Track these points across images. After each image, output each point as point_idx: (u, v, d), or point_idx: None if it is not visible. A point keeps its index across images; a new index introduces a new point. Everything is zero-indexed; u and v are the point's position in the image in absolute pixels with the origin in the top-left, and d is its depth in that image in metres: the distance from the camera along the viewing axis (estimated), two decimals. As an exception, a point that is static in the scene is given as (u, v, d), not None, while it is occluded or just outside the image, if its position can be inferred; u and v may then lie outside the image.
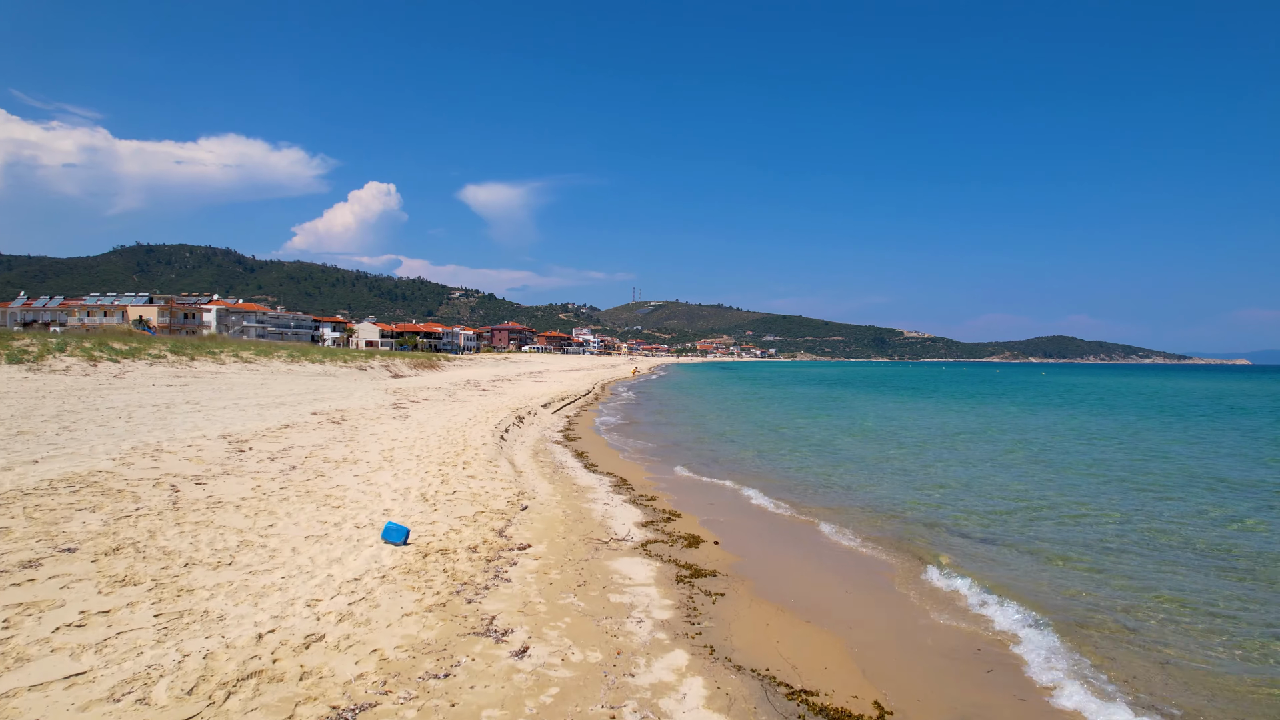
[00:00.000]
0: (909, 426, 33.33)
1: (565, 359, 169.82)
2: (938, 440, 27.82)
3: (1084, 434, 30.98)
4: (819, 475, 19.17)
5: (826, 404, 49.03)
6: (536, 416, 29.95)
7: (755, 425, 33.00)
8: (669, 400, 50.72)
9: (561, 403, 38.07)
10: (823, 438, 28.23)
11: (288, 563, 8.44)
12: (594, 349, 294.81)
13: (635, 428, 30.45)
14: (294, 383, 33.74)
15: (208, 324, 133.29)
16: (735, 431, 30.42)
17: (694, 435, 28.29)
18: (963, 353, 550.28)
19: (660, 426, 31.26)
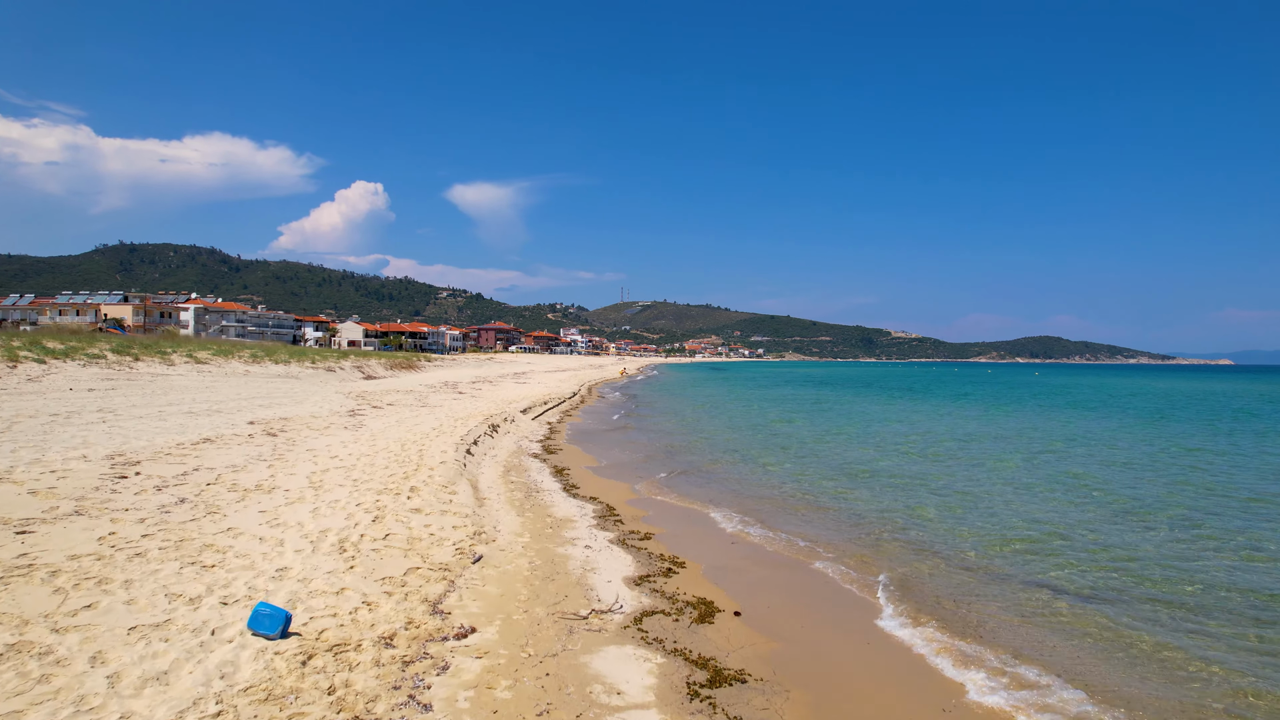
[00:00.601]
0: (920, 431, 30.37)
1: (552, 359, 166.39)
2: (965, 451, 24.81)
3: (1127, 445, 28.04)
4: (849, 501, 16.01)
5: (828, 408, 46.08)
6: (514, 424, 26.71)
7: (756, 432, 29.88)
8: (660, 403, 47.61)
9: (544, 407, 34.86)
10: (837, 454, 25.19)
11: (63, 693, 5.20)
12: (582, 349, 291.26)
13: (624, 435, 27.27)
14: (246, 386, 30.39)
15: (185, 323, 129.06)
16: (735, 440, 27.38)
17: (688, 444, 25.19)
18: (950, 353, 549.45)
19: (651, 434, 28.09)
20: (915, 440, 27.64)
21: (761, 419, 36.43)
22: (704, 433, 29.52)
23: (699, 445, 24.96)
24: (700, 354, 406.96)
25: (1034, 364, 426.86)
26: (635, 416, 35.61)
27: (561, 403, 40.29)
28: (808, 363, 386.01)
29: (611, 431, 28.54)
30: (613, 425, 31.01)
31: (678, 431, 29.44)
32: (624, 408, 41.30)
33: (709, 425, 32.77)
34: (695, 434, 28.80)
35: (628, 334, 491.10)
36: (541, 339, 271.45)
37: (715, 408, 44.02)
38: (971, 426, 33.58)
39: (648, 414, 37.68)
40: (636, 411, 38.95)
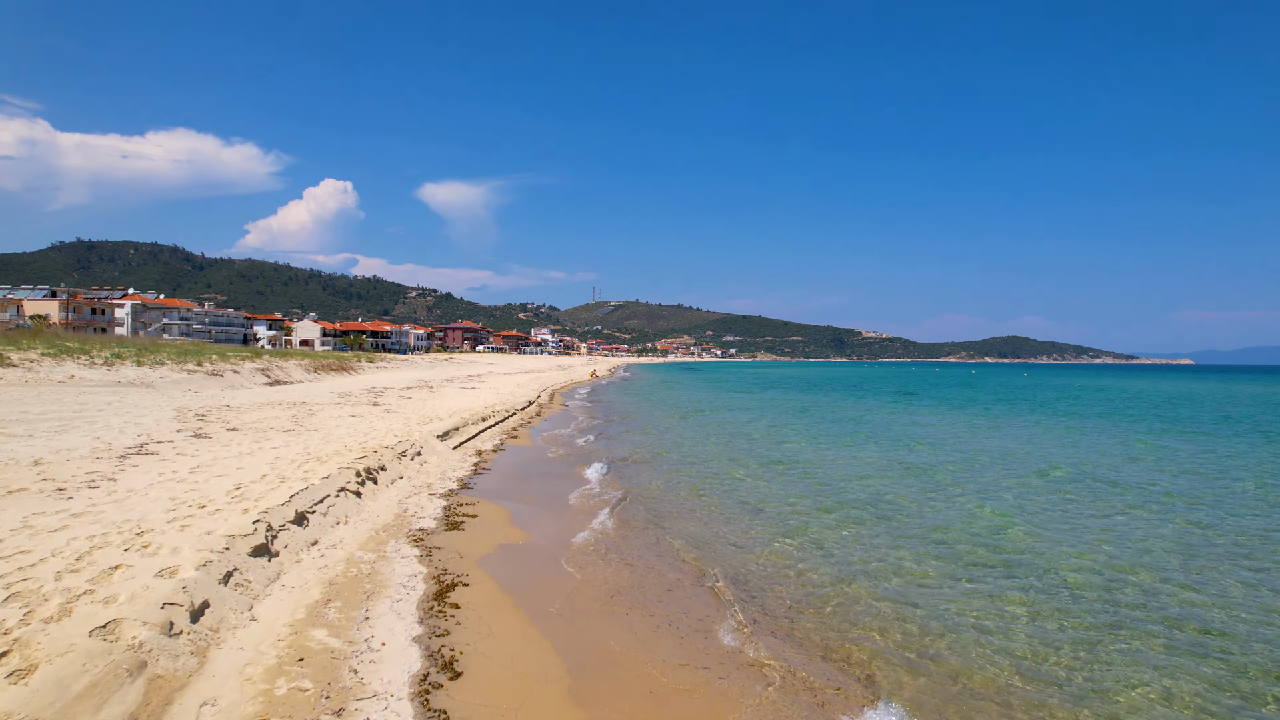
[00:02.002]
0: (963, 456, 21.42)
1: (519, 359, 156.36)
2: (1095, 495, 15.80)
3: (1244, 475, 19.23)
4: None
5: (827, 417, 37.19)
6: (420, 460, 17.22)
7: (783, 474, 20.57)
8: (634, 414, 38.36)
9: (481, 425, 25.43)
10: (868, 489, 16.13)
11: None
12: (553, 349, 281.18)
13: (582, 478, 17.90)
14: (40, 400, 20.55)
15: (120, 321, 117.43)
16: (742, 476, 18.25)
17: (689, 499, 15.83)
18: (920, 353, 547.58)
19: (626, 472, 18.73)
20: (1034, 486, 18.54)
21: (772, 441, 27.23)
22: (703, 467, 20.19)
23: (710, 502, 15.55)
24: (673, 354, 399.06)
25: (1004, 363, 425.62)
26: (603, 438, 26.23)
27: (510, 416, 30.87)
28: (780, 363, 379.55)
29: (566, 467, 19.18)
30: (570, 453, 21.66)
31: (663, 464, 20.07)
32: (589, 422, 31.95)
33: (706, 452, 23.45)
34: (692, 469, 19.44)
35: (600, 334, 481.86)
36: (511, 339, 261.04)
37: (703, 421, 34.78)
38: (1053, 451, 24.70)
39: (619, 432, 28.36)
40: (604, 429, 29.62)
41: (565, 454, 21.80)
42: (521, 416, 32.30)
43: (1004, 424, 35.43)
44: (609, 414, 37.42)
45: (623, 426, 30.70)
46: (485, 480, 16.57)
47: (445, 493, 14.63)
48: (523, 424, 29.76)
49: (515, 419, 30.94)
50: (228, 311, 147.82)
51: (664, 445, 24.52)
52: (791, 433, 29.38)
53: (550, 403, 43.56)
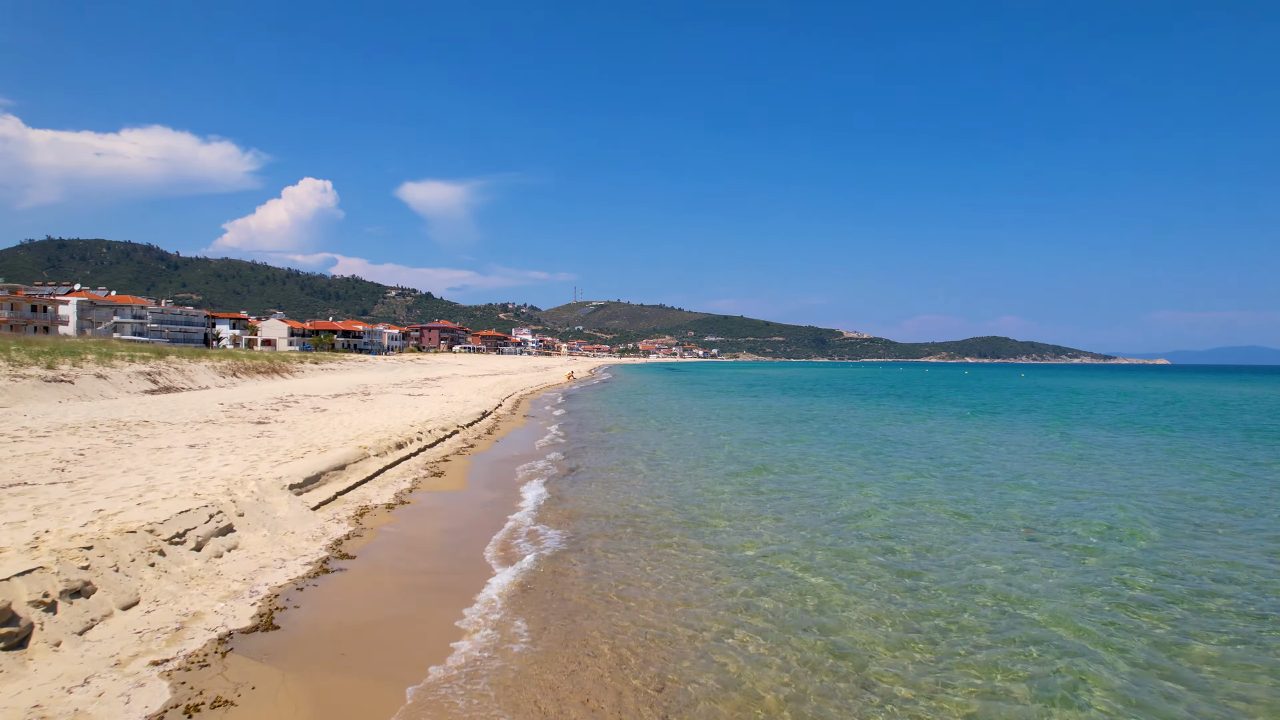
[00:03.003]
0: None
1: (494, 360, 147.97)
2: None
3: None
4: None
5: (846, 429, 29.69)
6: (220, 543, 9.43)
7: (827, 529, 12.92)
8: (610, 427, 30.60)
9: (394, 457, 17.60)
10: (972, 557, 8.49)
11: None
12: (532, 349, 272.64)
13: (517, 557, 10.16)
14: None
15: (65, 319, 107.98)
16: (820, 583, 10.35)
17: (692, 614, 8.13)
18: (901, 353, 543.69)
19: (586, 552, 11.01)
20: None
21: (820, 488, 19.46)
22: (724, 549, 12.36)
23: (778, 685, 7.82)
24: (654, 354, 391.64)
25: (985, 363, 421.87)
26: (570, 476, 18.26)
27: (447, 436, 22.97)
28: (763, 363, 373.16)
29: (491, 540, 11.43)
30: (507, 506, 13.92)
31: (654, 541, 12.29)
32: (552, 445, 24.03)
33: (719, 505, 15.64)
34: (705, 554, 11.62)
35: (581, 334, 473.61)
36: (489, 339, 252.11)
37: (707, 441, 27.01)
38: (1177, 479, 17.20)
39: (589, 464, 20.39)
40: (570, 455, 21.74)
41: (501, 507, 14.01)
42: (465, 436, 24.39)
43: (1110, 445, 27.97)
44: (581, 430, 29.61)
45: (595, 453, 22.79)
46: (325, 591, 8.75)
47: (197, 652, 6.78)
48: (464, 447, 21.89)
49: (455, 440, 23.05)
50: (186, 310, 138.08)
51: (653, 490, 16.67)
52: (845, 473, 21.59)
53: (513, 413, 35.65)
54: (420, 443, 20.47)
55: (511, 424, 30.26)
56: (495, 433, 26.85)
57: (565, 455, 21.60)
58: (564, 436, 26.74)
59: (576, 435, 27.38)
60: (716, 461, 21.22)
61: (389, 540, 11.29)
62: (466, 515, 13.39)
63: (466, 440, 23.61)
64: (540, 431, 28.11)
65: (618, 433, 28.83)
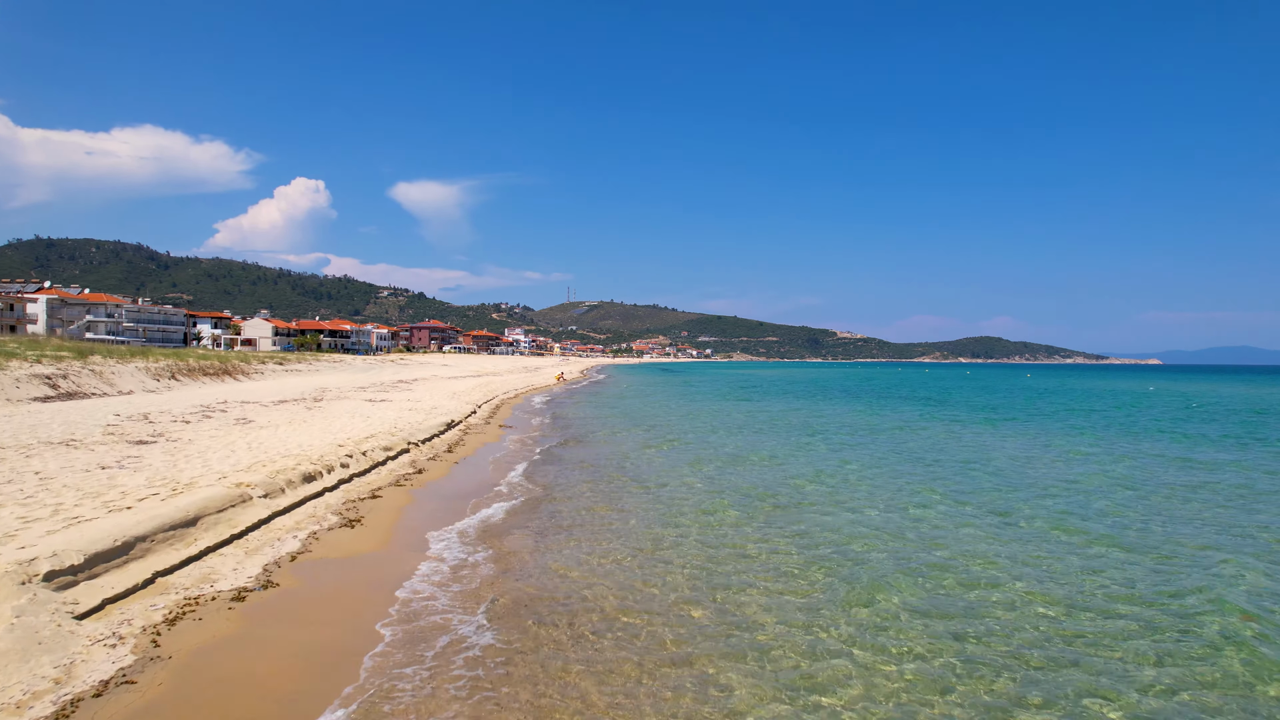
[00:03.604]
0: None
1: (483, 361, 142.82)
2: None
3: None
4: None
5: (889, 445, 24.82)
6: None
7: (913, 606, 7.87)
8: (597, 441, 25.59)
9: (300, 493, 12.67)
10: None
11: None
12: (525, 349, 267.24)
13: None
14: None
15: (34, 317, 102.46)
16: None
17: None
18: (894, 353, 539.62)
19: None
20: None
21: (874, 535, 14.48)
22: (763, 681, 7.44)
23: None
24: (648, 354, 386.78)
25: (980, 363, 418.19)
26: (534, 524, 13.35)
27: (392, 457, 18.00)
28: (757, 363, 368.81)
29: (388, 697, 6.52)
30: (434, 589, 9.03)
31: (686, 658, 7.37)
32: (523, 468, 18.94)
33: (732, 574, 10.66)
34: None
35: (574, 334, 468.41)
36: (481, 339, 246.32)
37: (718, 457, 22.09)
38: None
39: (570, 508, 15.37)
40: (552, 486, 16.69)
41: (426, 588, 9.04)
42: (417, 457, 19.33)
43: (1206, 464, 23.11)
44: (563, 441, 24.55)
45: (575, 484, 17.71)
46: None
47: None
48: (408, 474, 16.85)
49: (401, 462, 18.02)
50: (165, 309, 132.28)
51: (644, 544, 11.69)
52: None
53: (487, 422, 30.59)
54: (346, 470, 15.41)
55: (482, 437, 25.16)
56: (459, 450, 21.77)
57: (536, 489, 16.51)
58: (541, 456, 21.64)
59: (557, 453, 22.29)
60: (737, 498, 16.20)
61: (180, 694, 6.22)
62: (365, 611, 8.35)
63: (416, 463, 18.55)
64: (514, 449, 22.98)
65: (606, 448, 23.78)
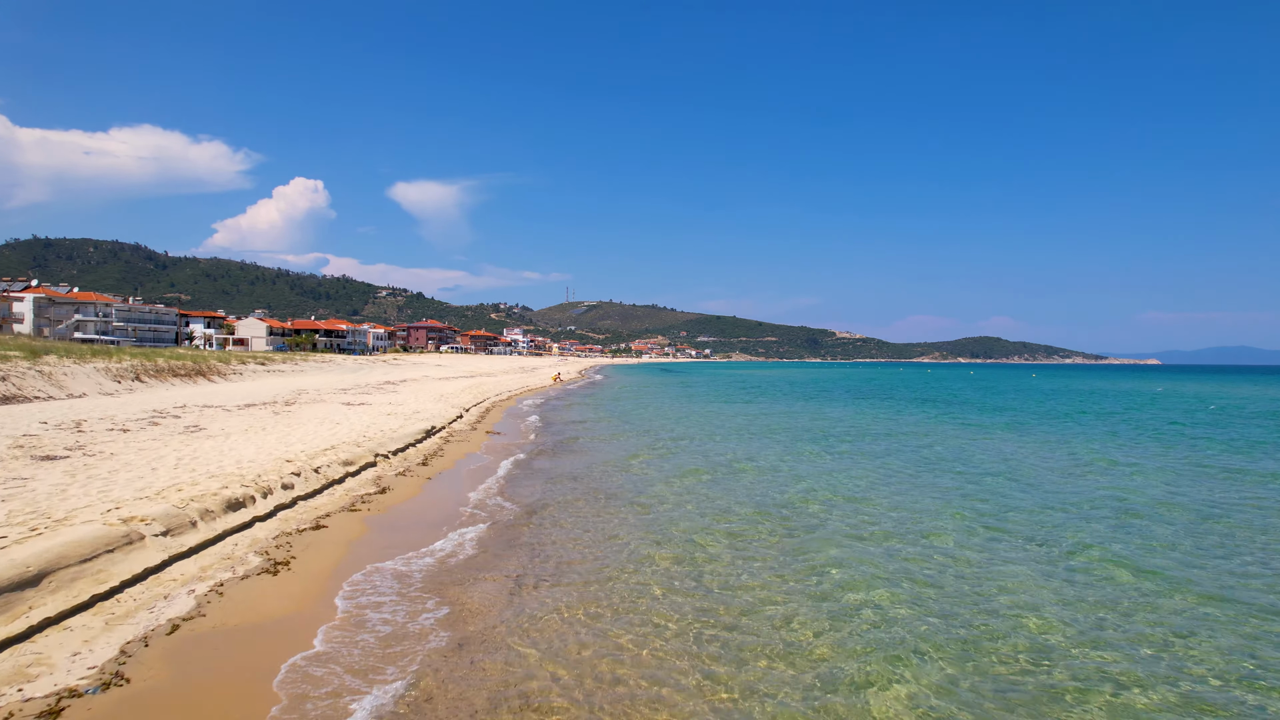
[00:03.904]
0: None
1: (478, 361, 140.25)
2: None
3: None
4: None
5: (913, 453, 22.23)
6: None
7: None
8: (590, 449, 23.00)
9: (216, 528, 10.11)
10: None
11: None
12: (523, 349, 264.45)
13: None
14: None
15: (19, 317, 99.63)
16: None
17: None
18: (893, 353, 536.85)
19: None
20: None
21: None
22: None
23: None
24: (647, 354, 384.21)
25: (980, 363, 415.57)
26: (511, 563, 10.67)
27: (353, 473, 15.39)
28: (756, 363, 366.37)
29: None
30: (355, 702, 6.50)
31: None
32: (512, 485, 16.34)
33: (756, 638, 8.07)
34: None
35: (573, 334, 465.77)
36: (479, 339, 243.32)
37: (728, 474, 19.46)
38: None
39: (558, 538, 12.60)
40: (536, 507, 14.04)
41: (336, 683, 6.44)
42: (383, 472, 16.72)
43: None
44: (553, 450, 21.94)
45: (562, 508, 15.09)
46: None
47: None
48: (369, 495, 14.26)
49: (364, 478, 15.42)
50: (156, 308, 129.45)
51: (633, 601, 9.15)
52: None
53: (474, 428, 27.95)
54: (290, 492, 12.78)
55: (465, 446, 22.51)
56: (435, 462, 19.12)
57: (515, 514, 13.89)
58: (526, 470, 19.02)
59: (545, 467, 19.67)
60: (740, 524, 13.58)
61: None
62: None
63: (382, 479, 15.91)
64: (498, 461, 20.33)
65: (599, 458, 21.16)
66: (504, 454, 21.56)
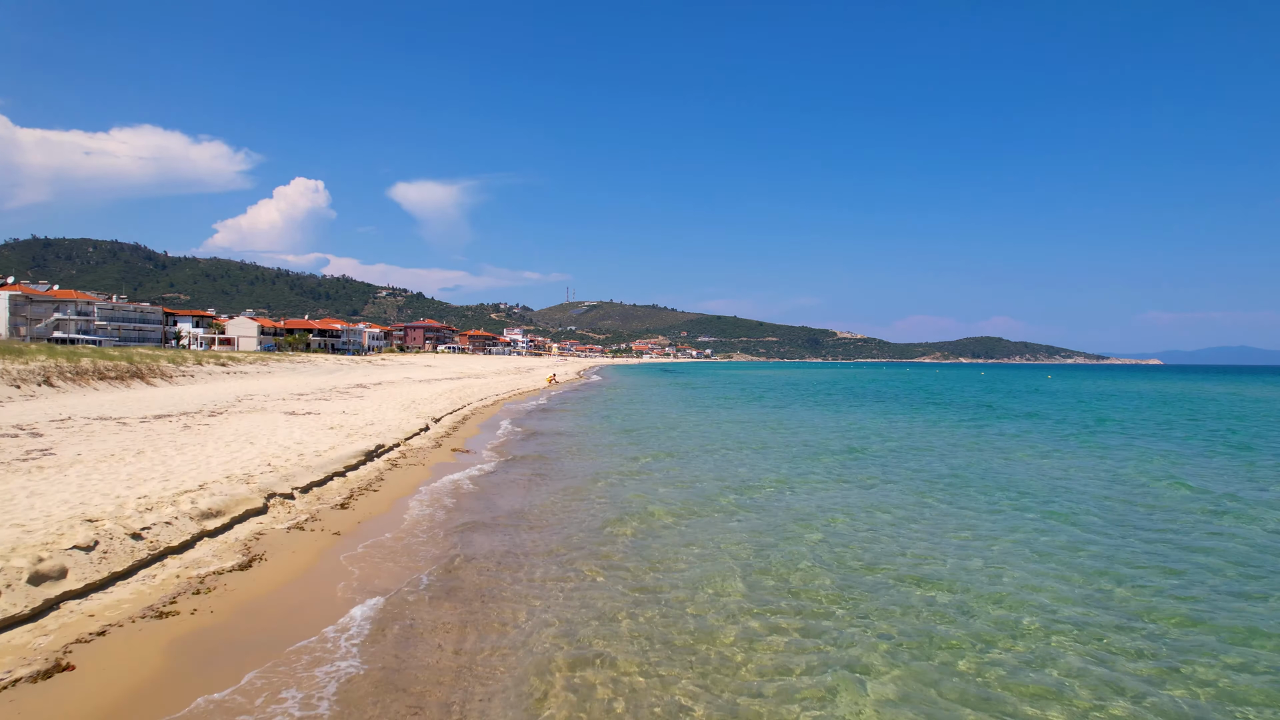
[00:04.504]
0: None
1: (473, 361, 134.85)
2: None
3: None
4: None
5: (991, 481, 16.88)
6: None
7: None
8: (578, 472, 17.69)
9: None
10: None
11: None
12: (523, 349, 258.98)
13: None
14: None
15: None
16: None
17: None
18: (894, 353, 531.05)
19: None
20: None
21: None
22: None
23: None
24: (648, 354, 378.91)
25: (981, 363, 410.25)
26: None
27: (214, 531, 10.03)
28: (758, 364, 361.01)
29: None
30: None
31: None
32: (457, 546, 10.93)
33: None
34: None
35: (573, 334, 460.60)
36: (477, 338, 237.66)
37: (759, 528, 14.09)
38: None
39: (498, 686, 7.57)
40: (482, 598, 8.83)
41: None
42: (272, 522, 11.28)
43: None
44: (529, 487, 16.48)
45: (523, 574, 9.78)
46: None
47: None
48: (219, 569, 8.87)
49: (227, 540, 10.01)
50: (142, 306, 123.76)
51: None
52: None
53: (439, 444, 22.50)
54: (58, 584, 7.41)
55: (414, 474, 17.05)
56: (362, 501, 13.64)
57: (443, 612, 8.51)
58: (480, 516, 13.51)
59: (508, 509, 14.18)
60: (782, 607, 8.18)
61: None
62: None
63: (262, 537, 10.50)
64: (448, 501, 14.79)
65: (586, 509, 15.76)
66: (464, 486, 16.04)
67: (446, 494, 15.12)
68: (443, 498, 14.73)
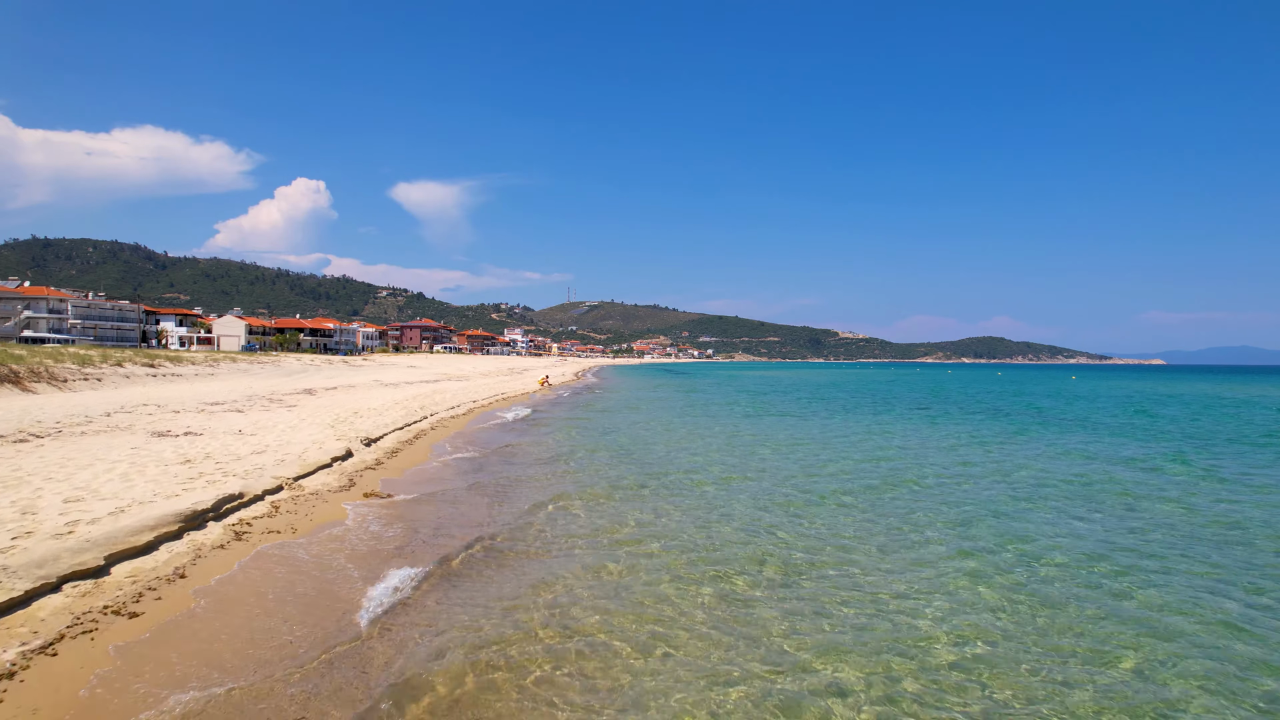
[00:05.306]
0: None
1: (467, 361, 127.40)
2: None
3: None
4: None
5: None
6: None
7: None
8: (543, 549, 10.49)
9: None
10: None
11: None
12: (522, 349, 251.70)
13: None
14: None
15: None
16: None
17: None
18: (896, 353, 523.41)
19: None
20: None
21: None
22: None
23: None
24: (649, 355, 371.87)
25: (983, 363, 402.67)
26: None
27: None
28: (760, 364, 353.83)
29: None
30: None
31: None
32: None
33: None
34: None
35: (574, 334, 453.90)
36: (475, 338, 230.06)
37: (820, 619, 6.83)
38: None
39: None
40: None
41: None
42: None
43: None
44: (461, 554, 9.04)
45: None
46: None
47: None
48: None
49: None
50: (120, 304, 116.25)
51: None
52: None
53: (351, 484, 15.08)
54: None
55: (254, 571, 9.80)
56: (91, 642, 6.46)
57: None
58: (345, 657, 6.25)
59: (408, 625, 6.95)
60: None
61: None
62: None
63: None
64: (292, 631, 7.49)
65: (542, 579, 8.47)
66: (335, 583, 8.67)
67: (296, 600, 7.61)
68: (288, 603, 7.25)
